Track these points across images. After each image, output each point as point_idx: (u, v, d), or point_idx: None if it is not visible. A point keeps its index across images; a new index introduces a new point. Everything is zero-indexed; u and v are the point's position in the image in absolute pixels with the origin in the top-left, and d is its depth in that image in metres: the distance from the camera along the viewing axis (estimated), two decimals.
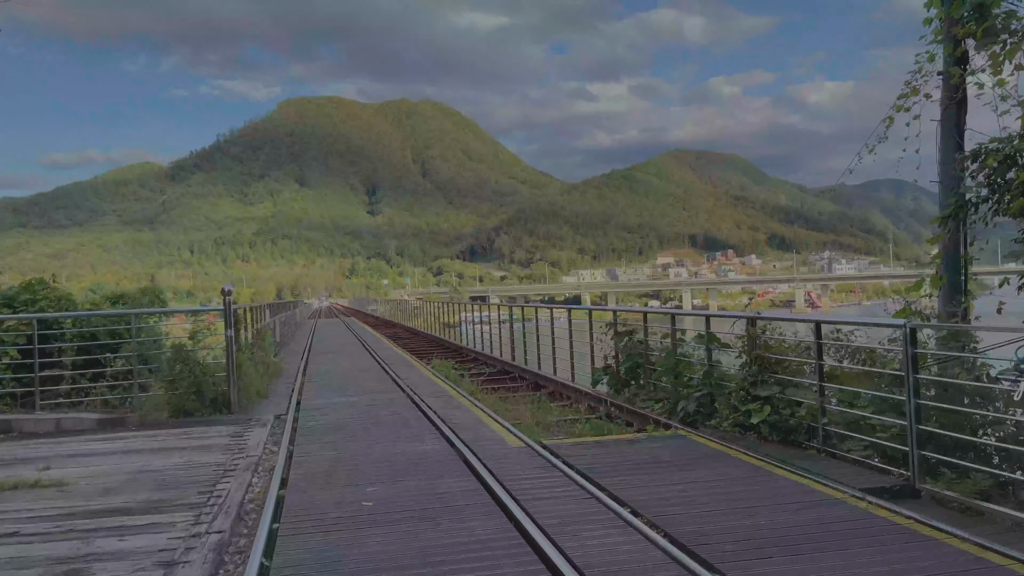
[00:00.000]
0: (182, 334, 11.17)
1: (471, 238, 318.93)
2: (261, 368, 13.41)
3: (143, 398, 9.73)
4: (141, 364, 9.85)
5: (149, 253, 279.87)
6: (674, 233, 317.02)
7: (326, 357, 18.69)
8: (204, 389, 9.78)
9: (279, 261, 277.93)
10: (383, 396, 11.09)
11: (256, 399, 10.89)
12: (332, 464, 6.79)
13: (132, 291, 14.72)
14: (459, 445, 7.24)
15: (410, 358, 17.72)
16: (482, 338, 22.19)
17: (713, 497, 5.41)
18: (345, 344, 23.68)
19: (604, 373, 10.71)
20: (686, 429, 7.76)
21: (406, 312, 45.13)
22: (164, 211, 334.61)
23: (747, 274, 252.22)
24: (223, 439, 8.26)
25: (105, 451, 7.85)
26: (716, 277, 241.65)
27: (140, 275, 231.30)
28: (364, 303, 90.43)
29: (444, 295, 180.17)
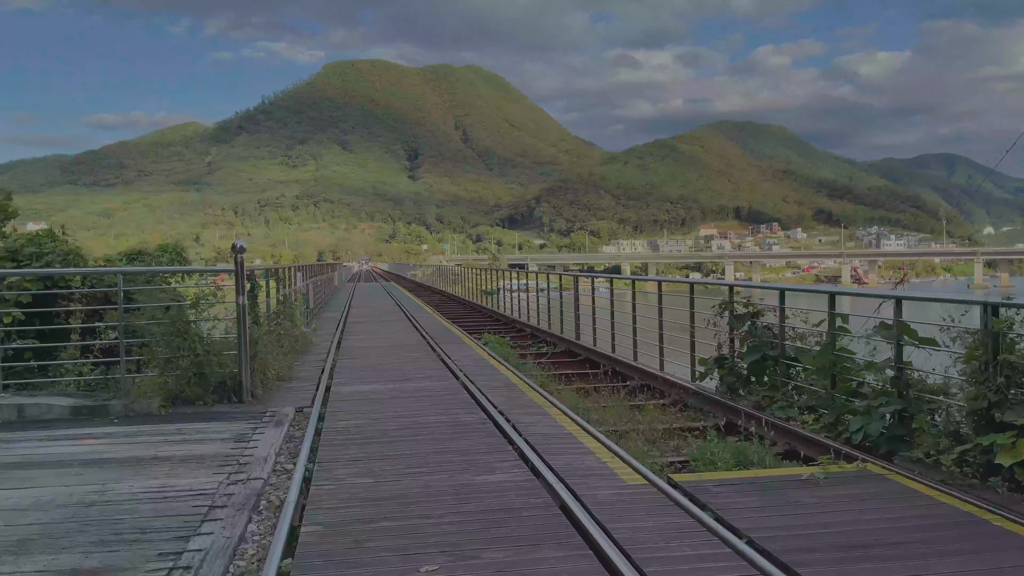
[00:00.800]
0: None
1: (511, 206, 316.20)
2: (287, 342, 11.31)
3: (131, 381, 7.64)
4: (129, 337, 7.75)
5: (194, 213, 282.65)
6: (717, 205, 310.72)
7: (364, 327, 16.61)
8: (208, 371, 7.67)
9: (320, 224, 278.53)
10: (432, 385, 8.87)
11: (275, 383, 8.76)
12: (366, 507, 4.57)
13: (151, 248, 13.01)
14: (548, 476, 4.97)
15: (457, 331, 15.57)
16: (527, 308, 20.28)
17: None
18: (385, 311, 21.72)
19: (716, 365, 8.35)
20: (879, 464, 5.33)
21: (446, 278, 43.44)
22: (209, 172, 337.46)
23: (792, 247, 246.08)
24: (223, 444, 6.14)
25: (60, 458, 5.76)
26: (759, 250, 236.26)
27: (185, 234, 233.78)
28: (403, 268, 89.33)
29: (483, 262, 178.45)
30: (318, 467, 5.41)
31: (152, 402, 7.40)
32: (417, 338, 14.12)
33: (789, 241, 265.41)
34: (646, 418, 7.58)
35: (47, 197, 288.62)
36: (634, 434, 7.14)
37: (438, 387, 8.67)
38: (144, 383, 7.57)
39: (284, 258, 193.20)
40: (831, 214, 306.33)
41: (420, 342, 13.51)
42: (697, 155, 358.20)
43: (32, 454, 5.95)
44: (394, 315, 20.17)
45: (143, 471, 5.38)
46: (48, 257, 11.99)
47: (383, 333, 15.41)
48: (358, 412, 7.33)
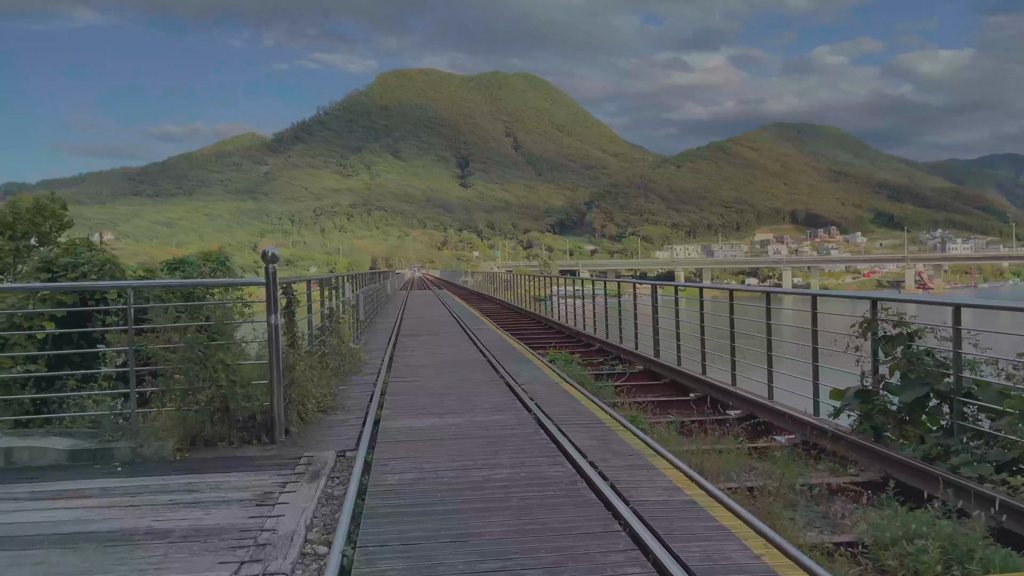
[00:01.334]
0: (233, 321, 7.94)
1: (561, 211, 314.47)
2: (333, 361, 9.99)
3: (142, 417, 6.35)
4: (142, 365, 6.48)
5: (252, 222, 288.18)
6: (773, 209, 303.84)
7: (418, 341, 15.32)
8: (233, 405, 6.35)
9: (374, 232, 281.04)
10: (500, 419, 7.37)
11: (315, 416, 7.40)
12: None
13: (192, 257, 11.87)
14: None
15: (518, 345, 14.20)
16: (588, 317, 18.88)
17: None
18: (439, 322, 20.58)
19: (857, 400, 6.64)
20: None
21: (497, 285, 42.33)
22: (266, 181, 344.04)
23: (851, 252, 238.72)
24: (241, 509, 4.76)
25: (31, 531, 4.41)
26: (817, 255, 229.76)
27: (243, 243, 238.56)
28: (455, 275, 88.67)
29: (534, 268, 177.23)
30: (359, 554, 3.97)
31: (166, 444, 6.09)
32: (475, 354, 12.76)
33: (848, 245, 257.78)
34: (778, 473, 5.89)
35: (114, 208, 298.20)
36: (768, 493, 5.50)
37: (508, 422, 7.18)
38: (157, 420, 6.28)
39: (339, 266, 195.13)
40: (892, 217, 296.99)
41: (479, 359, 12.11)
42: (751, 158, 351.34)
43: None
44: (448, 326, 19.08)
45: (129, 557, 4.01)
46: (84, 268, 11.36)
47: (438, 347, 14.10)
48: (412, 460, 5.87)
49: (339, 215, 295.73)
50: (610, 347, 15.45)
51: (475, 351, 13.26)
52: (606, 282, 22.05)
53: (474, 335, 15.73)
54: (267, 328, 6.49)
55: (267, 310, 6.49)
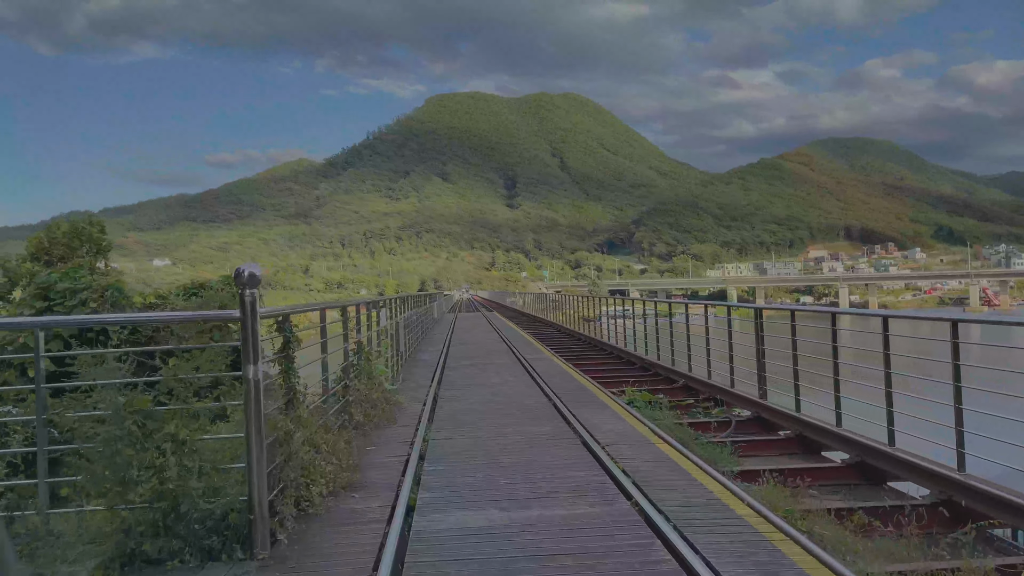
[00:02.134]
0: None
1: (609, 231, 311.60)
2: (359, 412, 7.80)
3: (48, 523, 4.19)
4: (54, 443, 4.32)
5: (303, 245, 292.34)
6: (826, 225, 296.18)
7: (467, 376, 13.29)
8: (187, 504, 4.17)
9: (422, 254, 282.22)
10: (591, 515, 4.98)
11: (323, 506, 5.19)
12: None
13: (216, 281, 10.21)
14: None
15: (582, 379, 12.07)
16: (655, 342, 16.48)
17: None
18: (490, 349, 18.69)
19: None
20: None
21: (546, 305, 40.81)
22: (318, 206, 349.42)
23: (910, 268, 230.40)
24: None
25: None
26: (875, 272, 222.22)
27: (295, 266, 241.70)
28: (503, 296, 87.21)
29: (582, 288, 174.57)
30: None
31: (79, 570, 3.91)
32: (537, 395, 10.52)
33: (906, 262, 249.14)
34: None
35: (171, 234, 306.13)
36: None
37: (602, 520, 4.82)
38: (72, 527, 4.11)
39: (388, 288, 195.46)
40: (951, 231, 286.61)
41: (541, 401, 9.92)
42: (803, 173, 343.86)
43: None
44: (501, 355, 17.08)
45: None
46: (83, 294, 9.78)
47: (490, 384, 12.00)
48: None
49: (388, 238, 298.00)
50: (699, 384, 12.86)
51: (535, 389, 11.06)
52: (670, 302, 19.55)
53: (530, 366, 13.81)
54: (246, 389, 4.28)
55: (244, 359, 4.30)
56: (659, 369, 15.54)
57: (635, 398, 10.58)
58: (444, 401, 10.34)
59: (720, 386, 11.90)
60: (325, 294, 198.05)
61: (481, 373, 13.45)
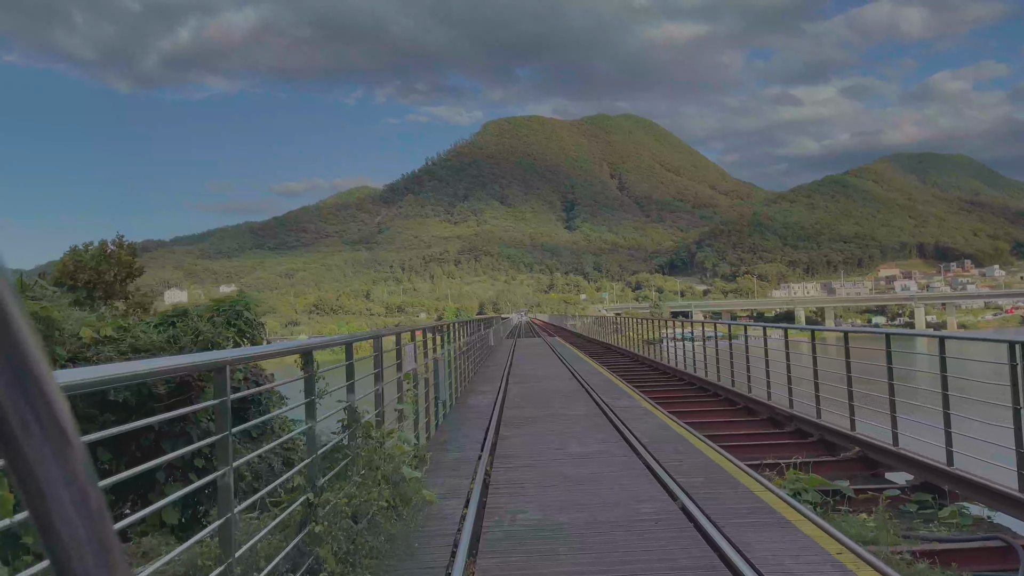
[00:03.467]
0: None
1: (670, 252, 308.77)
2: (363, 540, 4.86)
3: None
4: None
5: (365, 270, 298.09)
6: (898, 243, 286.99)
7: (533, 440, 10.05)
8: None
9: (481, 277, 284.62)
10: None
11: None
12: None
13: (201, 306, 8.75)
14: None
15: (705, 447, 9.06)
16: (766, 375, 14.67)
17: None
18: (559, 391, 15.62)
19: None
20: None
21: (609, 329, 39.90)
22: (379, 231, 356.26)
23: (989, 286, 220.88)
24: None
25: None
26: (951, 291, 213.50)
27: (357, 291, 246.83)
28: (562, 319, 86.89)
29: (643, 310, 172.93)
30: None
31: None
32: (643, 479, 7.39)
33: (985, 279, 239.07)
34: None
35: (239, 261, 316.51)
36: None
37: None
38: None
39: (448, 312, 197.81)
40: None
41: (659, 503, 6.55)
42: (871, 190, 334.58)
43: None
44: (573, 399, 13.99)
45: None
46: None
47: (573, 459, 8.61)
48: None
49: (447, 262, 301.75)
50: (829, 433, 11.54)
51: (640, 471, 7.70)
52: (747, 325, 19.19)
53: (620, 420, 10.81)
54: None
55: None
56: (777, 412, 13.85)
57: (801, 483, 8.26)
58: (497, 498, 6.92)
59: (815, 420, 12.07)
60: (386, 318, 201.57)
61: (551, 435, 10.23)
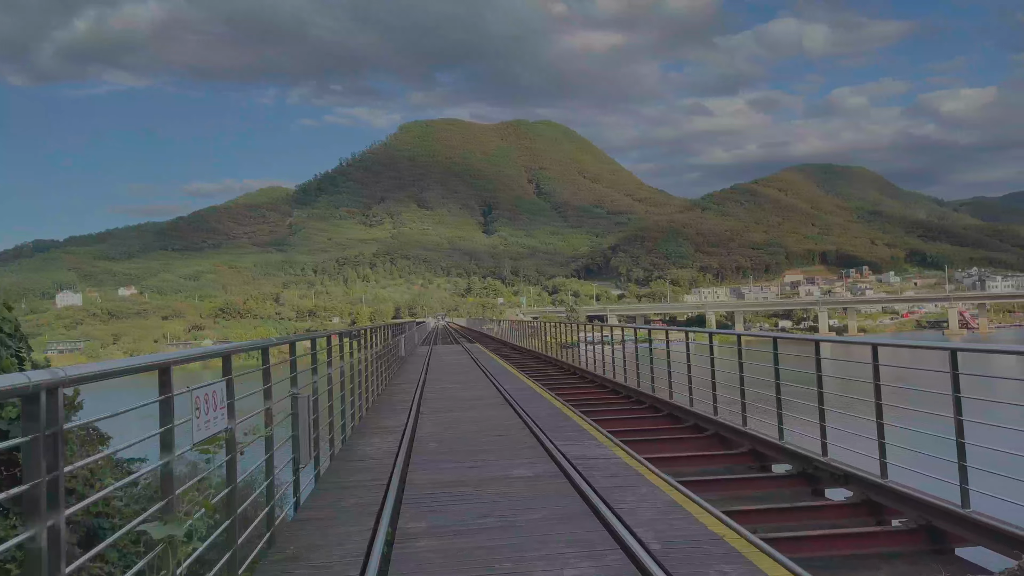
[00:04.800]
0: None
1: (587, 257, 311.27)
2: None
3: None
4: None
5: (277, 273, 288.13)
6: (803, 250, 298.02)
7: (454, 529, 5.98)
8: None
9: (397, 281, 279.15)
10: None
11: None
12: None
13: None
14: None
15: (667, 487, 7.06)
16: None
17: None
18: (486, 418, 12.02)
19: None
20: None
21: (528, 332, 38.49)
22: (291, 233, 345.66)
23: (885, 292, 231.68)
24: None
25: None
26: (851, 296, 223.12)
27: (267, 295, 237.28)
28: (479, 323, 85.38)
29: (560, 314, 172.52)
30: None
31: None
32: None
33: (882, 286, 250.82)
34: None
35: (142, 263, 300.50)
36: None
37: None
38: None
39: (361, 316, 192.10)
40: (925, 256, 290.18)
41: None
42: (779, 199, 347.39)
43: None
44: (515, 443, 9.77)
45: None
46: None
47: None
48: None
49: (362, 265, 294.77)
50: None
51: None
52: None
53: (595, 492, 6.88)
54: None
55: None
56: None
57: None
58: None
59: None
60: (297, 323, 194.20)
61: (495, 530, 5.91)
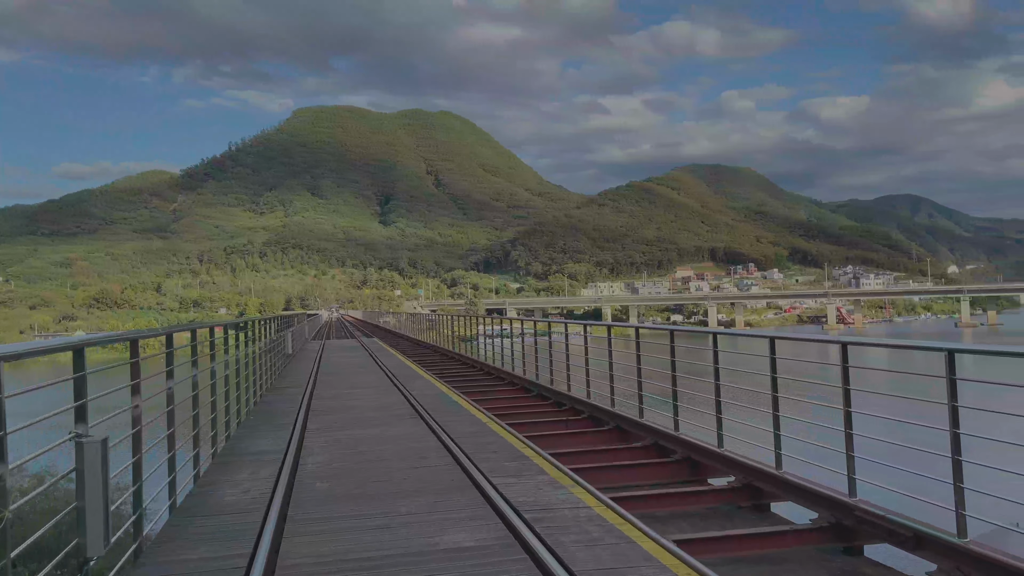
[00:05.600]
0: None
1: (486, 250, 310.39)
2: None
3: None
4: None
5: (158, 262, 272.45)
6: (693, 247, 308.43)
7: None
8: None
9: (289, 271, 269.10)
10: None
11: None
12: None
13: None
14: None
15: None
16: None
17: None
18: (394, 438, 9.42)
19: None
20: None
21: (425, 326, 36.42)
22: (175, 220, 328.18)
23: (770, 288, 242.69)
24: None
25: None
26: (738, 291, 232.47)
27: (147, 284, 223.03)
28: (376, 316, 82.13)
29: (459, 307, 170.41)
30: None
31: None
32: None
33: (766, 282, 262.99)
34: None
35: (7, 248, 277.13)
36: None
37: None
38: None
39: (250, 308, 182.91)
40: (807, 254, 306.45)
41: None
42: (671, 197, 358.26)
43: None
44: (436, 476, 7.37)
45: None
46: None
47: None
48: None
49: (252, 254, 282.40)
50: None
51: None
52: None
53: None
54: None
55: None
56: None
57: None
58: None
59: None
60: (180, 314, 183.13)
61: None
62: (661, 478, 9.15)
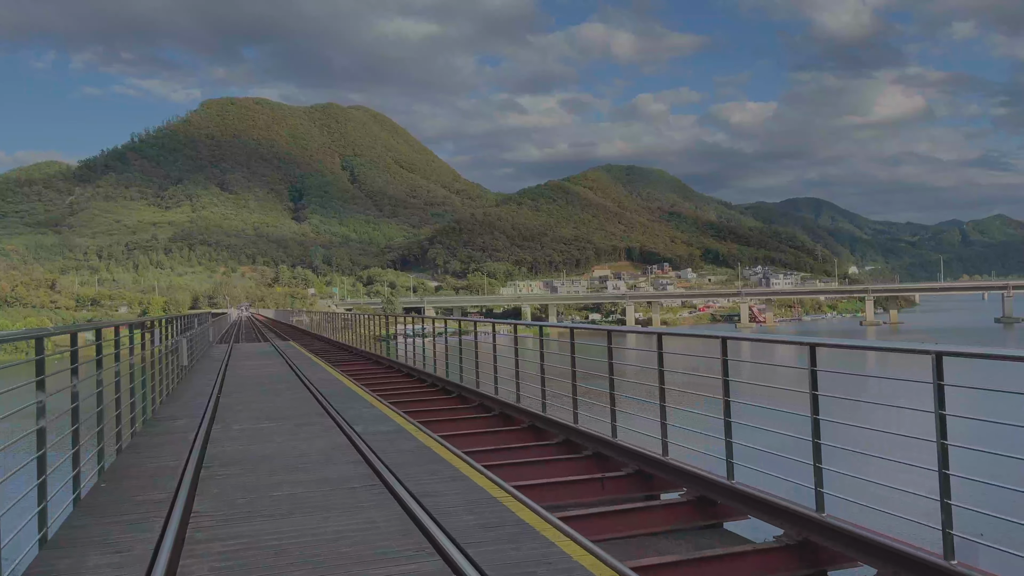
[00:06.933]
0: None
1: (403, 248, 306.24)
2: None
3: None
4: None
5: (53, 257, 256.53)
6: (610, 246, 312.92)
7: None
8: None
9: (196, 268, 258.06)
10: None
11: None
12: None
13: None
14: None
15: None
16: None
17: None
18: (337, 506, 6.15)
19: None
20: None
21: (341, 325, 34.64)
22: (71, 213, 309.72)
23: (684, 288, 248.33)
24: None
25: None
26: (654, 290, 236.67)
27: (40, 281, 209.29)
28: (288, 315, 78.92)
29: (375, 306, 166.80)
30: None
31: None
32: None
33: (681, 281, 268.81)
34: None
35: None
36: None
37: None
38: None
39: (154, 306, 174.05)
40: (718, 254, 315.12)
41: None
42: (588, 197, 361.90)
43: None
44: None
45: None
46: None
47: None
48: None
49: (156, 250, 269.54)
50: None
51: None
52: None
53: None
54: None
55: None
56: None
57: None
58: None
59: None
60: (77, 313, 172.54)
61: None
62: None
